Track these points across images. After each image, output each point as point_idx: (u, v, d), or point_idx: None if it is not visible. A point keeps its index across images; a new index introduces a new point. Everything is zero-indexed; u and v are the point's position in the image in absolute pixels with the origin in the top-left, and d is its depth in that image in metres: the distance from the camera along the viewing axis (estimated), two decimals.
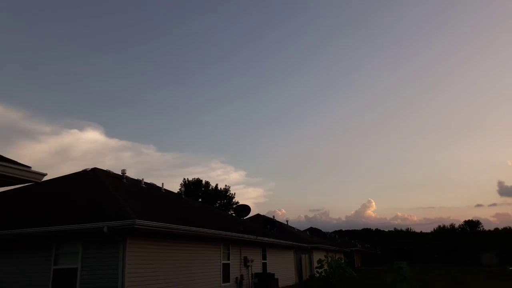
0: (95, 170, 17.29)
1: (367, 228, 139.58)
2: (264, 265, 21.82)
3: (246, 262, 19.02)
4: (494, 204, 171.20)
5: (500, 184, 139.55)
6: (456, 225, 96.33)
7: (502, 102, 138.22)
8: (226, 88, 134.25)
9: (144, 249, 12.12)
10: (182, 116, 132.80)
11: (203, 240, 15.36)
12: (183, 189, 54.65)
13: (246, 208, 26.95)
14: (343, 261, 12.26)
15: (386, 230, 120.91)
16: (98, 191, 14.25)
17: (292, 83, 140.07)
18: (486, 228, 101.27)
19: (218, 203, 55.82)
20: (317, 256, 28.99)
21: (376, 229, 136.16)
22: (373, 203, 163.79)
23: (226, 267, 17.24)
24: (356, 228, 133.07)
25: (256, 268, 20.30)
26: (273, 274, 20.13)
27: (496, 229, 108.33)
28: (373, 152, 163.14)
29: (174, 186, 65.66)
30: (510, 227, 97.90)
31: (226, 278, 17.10)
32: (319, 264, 11.89)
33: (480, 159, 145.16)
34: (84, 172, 17.43)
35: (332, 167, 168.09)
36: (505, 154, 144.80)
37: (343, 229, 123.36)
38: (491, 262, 63.75)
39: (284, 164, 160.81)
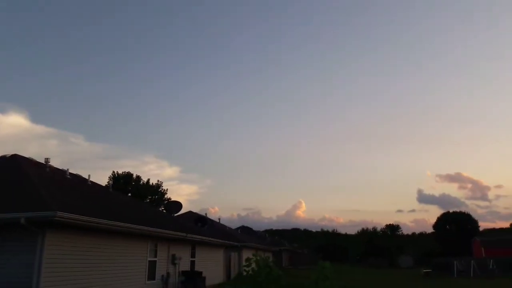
0: (15, 157, 16.09)
1: (296, 228, 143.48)
2: (193, 263, 21.61)
3: (173, 260, 18.70)
4: (413, 210, 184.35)
5: (420, 191, 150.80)
6: (378, 228, 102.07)
7: (424, 116, 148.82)
8: (164, 81, 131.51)
9: (65, 243, 11.50)
10: (115, 106, 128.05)
11: (130, 236, 14.88)
12: (111, 182, 52.62)
13: (177, 205, 26.55)
14: (270, 260, 12.41)
15: (314, 230, 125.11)
16: (17, 180, 13.29)
17: (229, 83, 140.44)
18: (405, 232, 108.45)
19: (149, 198, 54.41)
20: (247, 254, 29.15)
21: (305, 229, 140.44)
22: (303, 204, 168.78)
23: (152, 264, 16.84)
24: (286, 228, 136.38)
25: (184, 266, 20.05)
26: (201, 272, 20.00)
27: (414, 234, 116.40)
28: (305, 154, 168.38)
29: (102, 178, 63.03)
30: (425, 232, 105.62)
31: (151, 275, 16.71)
32: (247, 263, 11.96)
33: (402, 167, 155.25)
34: (3, 158, 16.18)
35: (266, 167, 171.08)
36: (424, 164, 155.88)
37: (274, 229, 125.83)
38: (407, 264, 68.30)
39: (221, 162, 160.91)
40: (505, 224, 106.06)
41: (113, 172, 54.86)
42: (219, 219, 42.35)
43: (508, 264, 37.73)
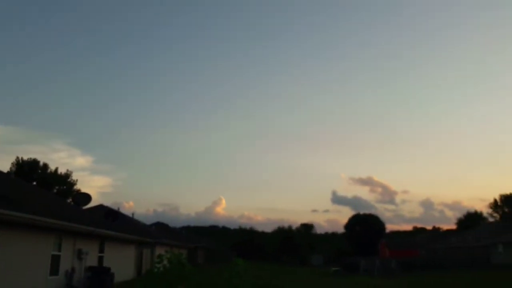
0: None
1: (214, 225, 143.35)
2: (101, 258, 20.38)
3: (80, 255, 17.45)
4: (327, 211, 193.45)
5: (334, 193, 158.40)
6: (294, 227, 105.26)
7: (341, 122, 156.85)
8: (82, 60, 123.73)
9: None
10: (20, 83, 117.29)
11: (32, 228, 13.53)
12: (14, 169, 48.22)
13: (86, 197, 24.93)
14: (184, 257, 11.93)
15: (232, 228, 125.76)
16: None
17: (154, 69, 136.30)
18: (318, 231, 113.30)
19: (57, 189, 50.68)
20: (160, 251, 28.25)
21: (223, 226, 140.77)
22: (223, 201, 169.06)
23: (55, 259, 15.57)
24: (204, 225, 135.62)
25: (92, 261, 18.80)
26: (109, 268, 18.88)
27: (326, 233, 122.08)
28: (226, 151, 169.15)
29: (3, 164, 57.72)
30: (337, 232, 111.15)
31: (54, 270, 15.46)
32: (159, 259, 11.39)
33: (319, 169, 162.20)
34: None
35: (186, 162, 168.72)
36: (340, 167, 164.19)
37: (192, 225, 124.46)
38: (318, 262, 71.31)
39: (138, 154, 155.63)
40: (409, 227, 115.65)
41: (17, 157, 50.26)
42: (132, 214, 40.71)
43: (409, 264, 40.82)
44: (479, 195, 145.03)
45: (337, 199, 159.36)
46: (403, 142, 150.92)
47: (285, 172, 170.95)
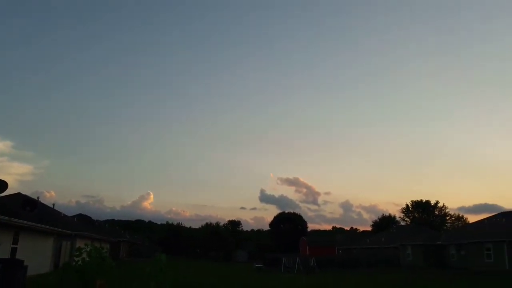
0: None
1: (140, 220, 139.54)
2: (14, 250, 19.35)
3: None
4: (254, 208, 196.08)
5: (262, 191, 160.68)
6: (221, 224, 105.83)
7: (272, 122, 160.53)
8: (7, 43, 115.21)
9: None
10: None
11: None
12: None
13: (2, 184, 23.37)
14: (105, 251, 11.85)
15: (159, 223, 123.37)
16: None
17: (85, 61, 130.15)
18: (245, 228, 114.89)
19: None
20: (81, 244, 27.36)
21: (149, 221, 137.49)
22: (152, 196, 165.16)
23: None
24: (130, 219, 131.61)
25: (3, 253, 17.79)
26: (22, 261, 17.96)
27: (252, 230, 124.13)
28: (156, 146, 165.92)
29: None
30: (263, 230, 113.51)
31: None
32: (78, 253, 11.22)
33: (249, 167, 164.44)
34: None
35: (113, 155, 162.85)
36: (270, 167, 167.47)
37: (116, 219, 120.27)
38: (243, 259, 72.53)
39: (63, 143, 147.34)
40: (329, 227, 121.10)
41: None
42: (53, 204, 38.67)
43: (327, 262, 43.09)
44: (393, 200, 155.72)
45: (265, 198, 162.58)
46: (328, 147, 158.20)
47: (216, 170, 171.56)
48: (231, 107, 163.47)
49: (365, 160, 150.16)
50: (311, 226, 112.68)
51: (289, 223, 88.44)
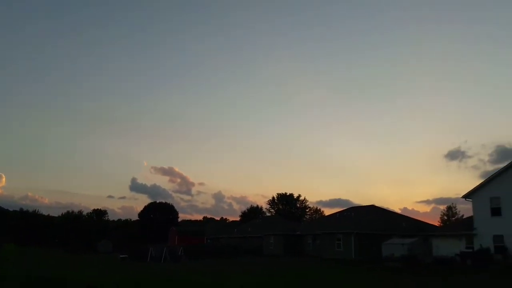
0: None
1: None
2: None
3: None
4: (123, 197, 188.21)
5: (134, 180, 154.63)
6: (85, 213, 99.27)
7: (146, 109, 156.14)
8: None
9: None
10: None
11: None
12: None
13: None
14: None
15: (12, 209, 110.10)
16: None
17: None
18: (111, 218, 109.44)
19: None
20: None
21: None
22: (4, 179, 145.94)
23: None
24: None
25: None
26: None
27: (119, 220, 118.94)
28: (15, 124, 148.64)
29: None
30: (131, 219, 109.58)
31: None
32: None
33: (121, 154, 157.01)
34: None
35: None
36: (143, 154, 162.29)
37: None
38: (106, 249, 69.11)
39: None
40: (200, 217, 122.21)
41: None
42: None
43: (195, 251, 43.61)
44: (262, 192, 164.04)
45: (136, 187, 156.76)
46: (205, 139, 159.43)
47: (83, 156, 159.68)
48: (107, 90, 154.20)
49: (238, 153, 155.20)
50: (183, 216, 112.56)
51: (160, 213, 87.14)
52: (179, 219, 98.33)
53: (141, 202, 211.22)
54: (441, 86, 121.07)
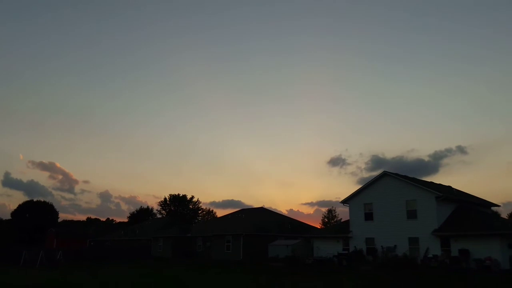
0: None
1: None
2: None
3: None
4: None
5: (7, 175, 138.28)
6: None
7: (23, 96, 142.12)
8: None
9: None
10: None
11: None
12: None
13: None
14: None
15: None
16: None
17: None
18: None
19: None
20: None
21: None
22: None
23: None
24: None
25: None
26: None
27: None
28: None
29: None
30: (2, 219, 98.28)
31: None
32: None
33: None
34: None
35: None
36: (19, 147, 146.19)
37: None
38: None
39: None
40: (83, 217, 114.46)
41: None
42: None
43: (76, 255, 40.79)
44: (154, 193, 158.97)
45: (10, 182, 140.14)
46: (91, 134, 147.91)
47: None
48: None
49: (128, 151, 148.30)
50: (64, 216, 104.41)
51: (36, 213, 79.58)
52: (60, 220, 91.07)
53: (15, 199, 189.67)
54: (328, 97, 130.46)
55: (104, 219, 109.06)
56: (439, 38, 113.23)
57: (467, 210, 29.00)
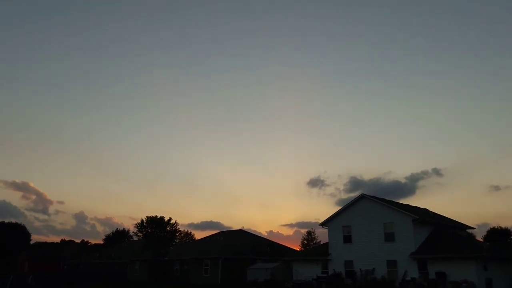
0: None
1: None
2: None
3: None
4: None
5: None
6: None
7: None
8: None
9: None
10: None
11: None
12: None
13: None
14: None
15: None
16: None
17: None
18: None
19: None
20: None
21: None
22: None
23: None
24: None
25: None
26: None
27: None
28: None
29: None
30: None
31: None
32: None
33: None
34: None
35: None
36: None
37: None
38: None
39: None
40: (57, 239, 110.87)
41: None
42: None
43: (49, 279, 39.47)
44: (130, 214, 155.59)
45: None
46: (66, 151, 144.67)
47: None
48: None
49: (105, 172, 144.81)
50: (37, 238, 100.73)
51: (7, 235, 76.80)
52: (33, 242, 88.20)
53: None
54: (306, 118, 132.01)
55: (79, 241, 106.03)
56: (419, 57, 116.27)
57: (443, 233, 29.48)
